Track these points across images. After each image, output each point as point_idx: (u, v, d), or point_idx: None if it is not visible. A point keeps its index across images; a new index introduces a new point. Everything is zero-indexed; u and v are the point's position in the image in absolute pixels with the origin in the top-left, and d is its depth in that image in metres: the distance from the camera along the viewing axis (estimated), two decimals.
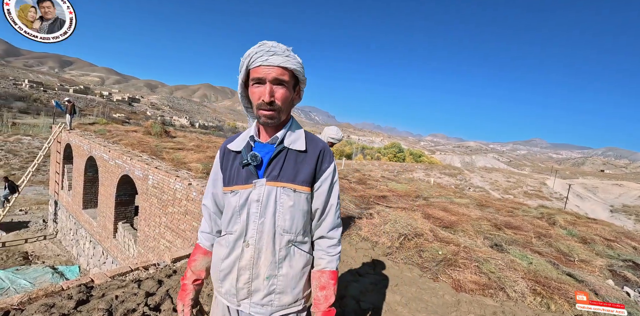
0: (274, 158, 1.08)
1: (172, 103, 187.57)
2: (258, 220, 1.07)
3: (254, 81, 1.02)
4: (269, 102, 1.00)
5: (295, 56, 1.04)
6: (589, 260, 5.24)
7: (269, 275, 1.07)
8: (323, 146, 1.16)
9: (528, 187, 42.22)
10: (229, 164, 1.15)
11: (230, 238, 1.10)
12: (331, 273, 1.13)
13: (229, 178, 1.13)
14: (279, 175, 1.07)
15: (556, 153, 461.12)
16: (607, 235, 7.17)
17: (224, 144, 1.19)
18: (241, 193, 1.08)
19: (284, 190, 1.07)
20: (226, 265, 1.10)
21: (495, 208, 8.90)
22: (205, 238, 1.23)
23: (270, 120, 1.04)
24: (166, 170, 7.48)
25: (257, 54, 1.00)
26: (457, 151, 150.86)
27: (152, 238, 7.80)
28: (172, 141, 11.73)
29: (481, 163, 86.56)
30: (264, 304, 1.08)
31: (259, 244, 1.06)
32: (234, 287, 1.09)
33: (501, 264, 3.79)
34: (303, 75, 1.08)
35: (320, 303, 1.10)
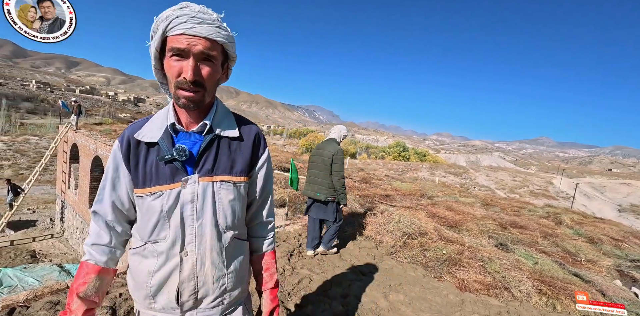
0: (206, 150, 0.92)
1: None
2: (195, 223, 0.91)
3: (174, 52, 0.82)
4: (193, 81, 0.82)
5: (226, 27, 0.87)
6: (596, 260, 5.17)
7: (218, 276, 0.95)
8: (257, 130, 1.04)
9: (534, 186, 41.85)
10: (139, 159, 0.92)
11: (158, 248, 0.91)
12: (271, 254, 1.10)
13: (143, 178, 0.91)
14: (213, 169, 0.92)
15: (563, 152, 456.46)
16: (615, 235, 7.08)
17: (127, 133, 0.94)
18: (167, 194, 0.89)
19: (221, 184, 0.93)
20: (159, 280, 0.92)
21: (500, 207, 8.83)
22: (100, 253, 0.94)
23: (193, 103, 0.85)
24: None
25: (179, 18, 0.80)
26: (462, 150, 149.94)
27: None
28: None
29: (487, 162, 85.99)
30: (215, 306, 0.97)
31: (201, 249, 0.92)
32: (175, 302, 0.92)
33: (506, 264, 3.75)
34: (234, 52, 0.92)
35: (267, 282, 1.07)
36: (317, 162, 3.56)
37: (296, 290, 2.68)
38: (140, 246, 0.94)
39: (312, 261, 3.31)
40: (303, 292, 2.66)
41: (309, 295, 2.64)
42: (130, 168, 0.92)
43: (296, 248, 3.56)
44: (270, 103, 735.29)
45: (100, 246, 0.95)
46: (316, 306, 2.48)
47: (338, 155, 3.47)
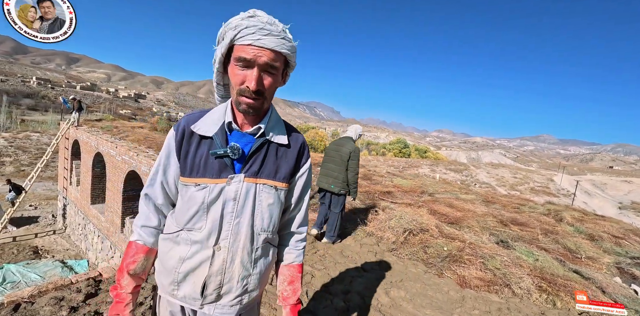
0: (255, 152, 0.96)
1: (178, 99, 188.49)
2: (233, 221, 0.94)
3: (239, 61, 0.86)
4: (255, 91, 0.86)
5: (290, 38, 0.90)
6: (596, 257, 5.19)
7: (244, 275, 0.98)
8: (303, 140, 1.08)
9: (535, 183, 41.82)
10: (190, 149, 0.95)
11: (193, 236, 0.95)
12: (299, 267, 1.10)
13: (190, 168, 0.95)
14: (259, 171, 0.96)
15: (564, 149, 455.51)
16: (615, 232, 7.09)
17: (183, 123, 0.98)
18: (211, 188, 0.93)
19: (264, 187, 0.97)
20: (188, 267, 0.95)
21: (501, 204, 8.84)
22: (149, 234, 1.01)
23: (252, 109, 0.90)
24: None
25: (248, 29, 0.83)
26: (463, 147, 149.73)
27: None
28: None
29: (487, 159, 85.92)
30: (233, 304, 0.99)
31: (234, 247, 0.95)
32: (199, 293, 0.95)
33: (507, 260, 3.77)
34: (294, 61, 0.94)
35: (289, 296, 1.06)
36: (334, 157, 3.85)
37: None
38: (174, 232, 0.98)
39: (313, 257, 3.33)
40: (305, 289, 2.68)
41: (311, 291, 2.65)
42: (181, 156, 0.96)
43: None
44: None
45: (149, 228, 1.01)
46: (318, 303, 2.50)
47: (355, 152, 3.78)
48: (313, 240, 3.97)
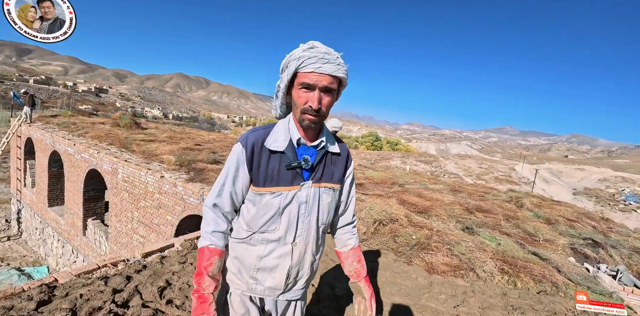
0: (318, 161, 1.15)
1: (143, 93, 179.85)
2: (305, 220, 1.13)
3: (303, 86, 1.03)
4: (317, 109, 1.03)
5: (344, 63, 1.06)
6: (552, 239, 5.54)
7: (311, 261, 1.19)
8: (347, 148, 1.28)
9: (499, 172, 44.07)
10: (262, 163, 1.10)
11: (268, 237, 1.12)
12: (359, 248, 1.32)
13: (264, 178, 1.09)
14: (321, 177, 1.15)
15: (525, 140, 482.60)
16: (570, 216, 7.61)
17: (252, 139, 1.11)
18: (285, 194, 1.10)
19: (325, 189, 1.16)
20: (269, 263, 1.12)
21: (467, 193, 9.22)
22: (219, 238, 1.13)
23: (314, 124, 1.07)
24: (137, 163, 7.19)
25: (310, 59, 1.01)
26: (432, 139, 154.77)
27: (124, 234, 7.55)
28: (143, 133, 11.28)
29: (455, 151, 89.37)
30: (303, 287, 1.21)
31: (306, 240, 1.15)
32: (283, 283, 1.14)
33: (471, 246, 3.93)
34: (347, 81, 1.10)
35: (361, 271, 1.26)
36: None
37: None
38: (247, 237, 1.14)
39: None
40: None
41: None
42: (252, 169, 1.10)
43: None
44: (243, 94, 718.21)
45: (219, 233, 1.13)
46: None
47: None
48: None
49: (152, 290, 2.28)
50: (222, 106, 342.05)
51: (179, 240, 3.37)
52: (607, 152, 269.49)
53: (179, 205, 6.11)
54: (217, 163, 7.72)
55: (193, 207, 5.85)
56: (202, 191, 5.67)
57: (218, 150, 9.36)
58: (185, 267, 2.72)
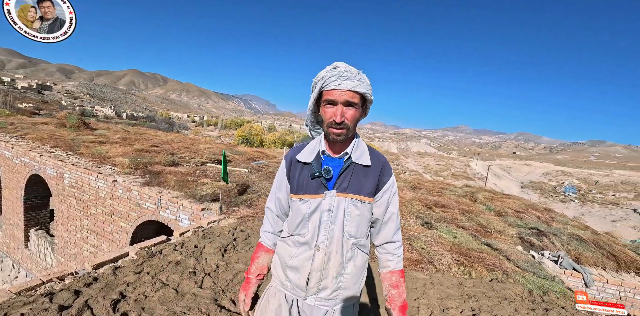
0: (344, 172, 1.19)
1: (94, 91, 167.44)
2: (329, 227, 1.18)
3: (327, 102, 1.13)
4: (340, 122, 1.10)
5: (365, 78, 1.14)
6: (503, 230, 5.96)
7: (337, 274, 1.19)
8: (384, 161, 1.28)
9: (455, 169, 46.59)
10: (296, 173, 1.24)
11: (298, 240, 1.22)
12: (400, 272, 1.27)
13: (297, 187, 1.22)
14: (347, 187, 1.18)
15: (478, 138, 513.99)
16: (517, 208, 8.23)
17: (290, 154, 1.29)
18: (311, 202, 1.19)
19: (351, 201, 1.18)
20: (295, 264, 1.21)
21: (426, 189, 9.64)
22: (268, 238, 1.33)
23: (339, 137, 1.14)
24: (86, 167, 6.69)
25: (331, 78, 1.10)
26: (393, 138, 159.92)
27: (72, 244, 6.99)
28: (93, 134, 10.50)
29: (415, 149, 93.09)
30: (330, 298, 1.21)
31: (329, 248, 1.18)
32: (305, 285, 1.20)
33: (430, 240, 4.12)
34: (371, 96, 1.16)
35: (395, 299, 1.22)
36: None
37: (230, 286, 2.59)
38: (287, 237, 1.26)
39: (247, 254, 3.24)
40: (238, 287, 2.59)
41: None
42: (290, 178, 1.26)
43: (230, 243, 3.44)
44: (203, 93, 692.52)
45: (268, 233, 1.34)
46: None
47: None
48: (247, 236, 3.86)
49: (104, 304, 2.12)
50: (181, 105, 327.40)
51: (134, 249, 3.18)
52: (549, 148, 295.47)
53: (135, 211, 5.78)
54: (176, 166, 7.40)
55: (150, 212, 5.56)
56: (160, 195, 5.40)
57: (177, 152, 8.97)
58: (142, 277, 2.57)
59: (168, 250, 3.14)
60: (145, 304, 2.17)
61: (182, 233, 3.79)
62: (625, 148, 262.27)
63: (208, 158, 8.69)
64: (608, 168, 65.27)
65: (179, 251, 3.12)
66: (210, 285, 2.53)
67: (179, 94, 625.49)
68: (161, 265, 2.77)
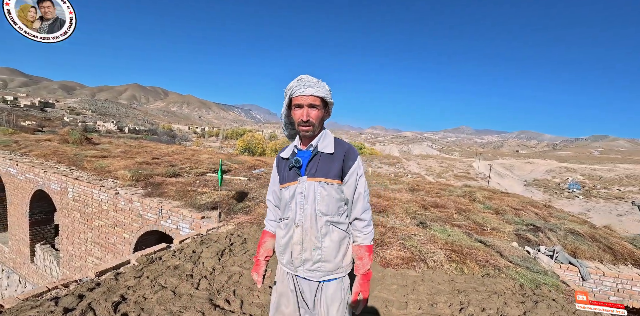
0: (311, 160, 1.43)
1: (95, 106, 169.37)
2: (303, 207, 1.41)
3: (295, 106, 1.40)
4: (306, 121, 1.38)
5: (324, 85, 1.41)
6: (499, 227, 6.02)
7: (315, 247, 1.40)
8: (347, 147, 1.48)
9: (458, 170, 46.49)
10: (281, 168, 1.52)
11: (286, 222, 1.46)
12: (366, 247, 1.46)
13: (282, 178, 1.49)
14: (315, 173, 1.41)
15: (480, 138, 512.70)
16: (516, 205, 8.27)
17: (278, 153, 1.57)
18: (290, 188, 1.44)
19: (319, 184, 1.40)
20: (284, 242, 1.46)
21: (425, 190, 9.71)
22: (271, 225, 1.61)
23: (307, 133, 1.41)
24: (88, 181, 6.86)
25: (297, 87, 1.38)
26: (395, 141, 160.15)
27: (77, 257, 7.12)
28: (95, 148, 10.71)
29: (417, 152, 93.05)
30: (314, 269, 1.41)
31: (305, 224, 1.41)
32: (291, 258, 1.43)
33: (423, 239, 4.22)
34: (330, 99, 1.44)
35: (359, 268, 1.43)
36: None
37: (225, 287, 2.72)
38: (281, 222, 1.51)
39: (242, 258, 3.36)
40: (233, 288, 2.71)
41: (239, 289, 2.70)
42: (278, 172, 1.54)
43: (227, 248, 3.57)
44: (204, 104, 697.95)
45: (270, 221, 1.62)
46: (245, 300, 2.56)
47: None
48: (243, 240, 3.99)
49: (105, 305, 2.26)
50: (182, 117, 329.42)
51: (134, 256, 3.32)
52: (552, 145, 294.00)
53: (137, 222, 5.92)
54: (177, 177, 7.56)
55: (152, 222, 5.70)
56: (161, 205, 5.55)
57: (177, 163, 9.14)
58: (142, 281, 2.70)
59: (167, 256, 3.27)
60: (145, 305, 2.30)
61: (182, 240, 3.92)
62: (628, 142, 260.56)
63: (208, 169, 8.85)
64: (612, 163, 64.82)
65: (177, 256, 3.25)
66: (206, 287, 2.66)
67: (179, 106, 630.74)
68: (160, 270, 2.90)
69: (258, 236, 4.09)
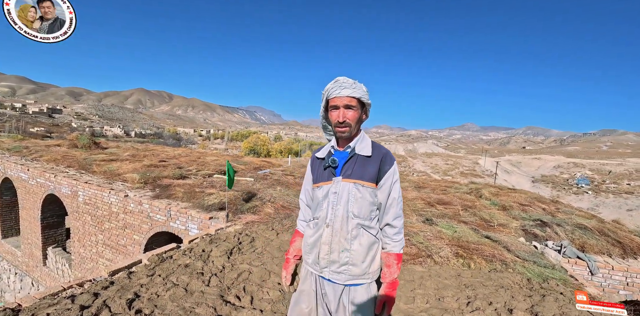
0: (348, 161, 1.43)
1: (102, 111, 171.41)
2: (335, 207, 1.40)
3: (332, 107, 1.41)
4: (342, 122, 1.38)
5: (361, 86, 1.41)
6: (506, 223, 6.01)
7: (343, 249, 1.38)
8: (385, 152, 1.47)
9: (464, 167, 46.20)
10: (315, 167, 1.53)
11: (316, 222, 1.46)
12: (396, 256, 1.44)
13: (316, 178, 1.50)
14: (351, 174, 1.41)
15: (485, 135, 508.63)
16: (523, 201, 8.24)
17: (313, 153, 1.59)
18: (324, 188, 1.44)
19: (354, 185, 1.40)
20: (312, 241, 1.45)
21: (431, 188, 9.71)
22: (302, 225, 1.62)
23: (343, 134, 1.41)
24: (98, 184, 6.99)
25: (333, 88, 1.39)
26: (400, 140, 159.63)
27: (89, 259, 7.26)
28: (104, 153, 10.89)
29: (422, 150, 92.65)
30: (340, 272, 1.39)
31: (335, 225, 1.39)
32: (317, 258, 1.42)
33: (429, 235, 4.24)
34: (367, 100, 1.43)
35: (386, 276, 1.41)
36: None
37: (235, 284, 2.78)
38: (310, 221, 1.53)
39: (251, 256, 3.42)
40: (242, 284, 2.77)
41: (248, 286, 2.76)
42: (312, 172, 1.55)
43: (236, 246, 3.63)
44: (209, 107, 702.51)
45: (301, 221, 1.63)
46: (255, 296, 2.62)
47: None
48: (251, 239, 4.05)
49: (120, 302, 2.33)
50: (187, 120, 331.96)
51: (146, 256, 3.39)
52: (559, 141, 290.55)
53: (146, 223, 6.02)
54: (184, 178, 7.66)
55: (161, 223, 5.80)
56: (169, 207, 5.65)
57: (184, 165, 9.26)
58: (154, 279, 2.78)
59: (178, 255, 3.34)
60: (158, 302, 2.37)
61: (191, 240, 4.00)
62: (637, 136, 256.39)
63: (214, 170, 8.95)
64: (621, 157, 63.89)
65: (187, 255, 3.32)
66: (217, 284, 2.72)
67: (184, 110, 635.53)
68: (171, 268, 2.98)
69: (266, 235, 4.15)
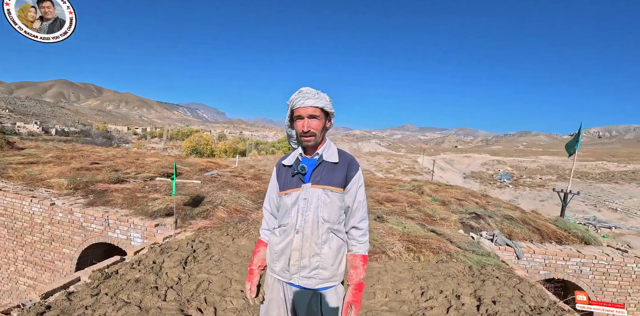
0: (316, 168, 1.45)
1: (14, 105, 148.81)
2: (305, 213, 1.41)
3: (297, 117, 1.43)
4: (307, 131, 1.40)
5: (324, 96, 1.44)
6: (447, 217, 6.56)
7: (314, 254, 1.40)
8: (350, 158, 1.52)
9: (404, 165, 49.16)
10: (282, 175, 1.52)
11: (284, 229, 1.45)
12: (362, 257, 1.48)
13: (283, 185, 1.50)
14: (320, 180, 1.43)
15: (423, 135, 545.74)
16: (459, 196, 9.05)
17: (279, 161, 1.59)
18: (292, 194, 1.45)
19: (323, 191, 1.42)
20: (280, 248, 1.44)
21: (377, 186, 10.19)
22: (265, 234, 1.59)
23: (309, 142, 1.44)
24: (16, 191, 6.09)
25: (297, 99, 1.41)
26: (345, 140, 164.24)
27: (6, 279, 6.30)
28: (21, 154, 9.49)
29: (367, 149, 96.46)
30: (310, 277, 1.40)
31: (306, 230, 1.40)
32: (287, 265, 1.42)
33: (382, 232, 4.46)
34: (331, 109, 1.46)
35: (353, 278, 1.44)
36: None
37: (195, 295, 2.63)
38: (276, 228, 1.51)
39: (209, 264, 3.27)
40: (203, 296, 2.63)
41: (209, 296, 2.63)
42: (278, 179, 1.54)
43: (190, 255, 3.44)
44: (144, 103, 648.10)
45: (265, 230, 1.60)
46: (218, 306, 2.52)
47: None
48: (206, 246, 3.87)
49: None
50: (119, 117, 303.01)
51: (85, 273, 3.05)
52: (485, 140, 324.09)
53: (79, 235, 5.41)
54: (122, 182, 7.02)
55: (97, 234, 5.25)
56: (107, 215, 5.13)
57: (121, 168, 8.48)
58: (100, 298, 2.51)
59: (125, 269, 3.06)
60: None
61: (137, 251, 3.69)
62: (547, 137, 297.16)
63: (156, 172, 8.34)
64: (535, 155, 73.43)
65: (136, 269, 3.06)
66: (175, 297, 2.55)
67: (116, 105, 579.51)
68: (120, 285, 2.72)
69: (221, 241, 4.00)
